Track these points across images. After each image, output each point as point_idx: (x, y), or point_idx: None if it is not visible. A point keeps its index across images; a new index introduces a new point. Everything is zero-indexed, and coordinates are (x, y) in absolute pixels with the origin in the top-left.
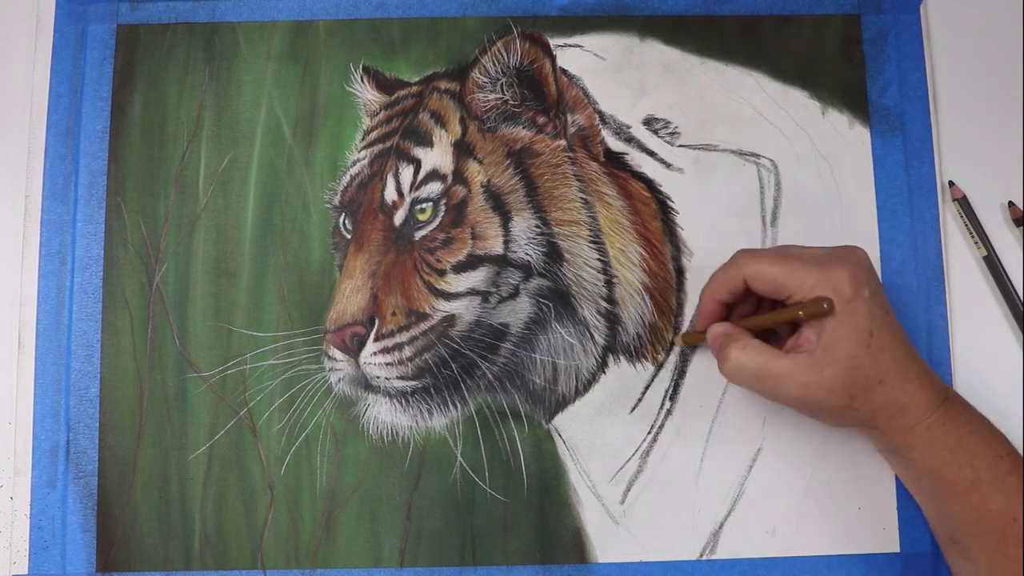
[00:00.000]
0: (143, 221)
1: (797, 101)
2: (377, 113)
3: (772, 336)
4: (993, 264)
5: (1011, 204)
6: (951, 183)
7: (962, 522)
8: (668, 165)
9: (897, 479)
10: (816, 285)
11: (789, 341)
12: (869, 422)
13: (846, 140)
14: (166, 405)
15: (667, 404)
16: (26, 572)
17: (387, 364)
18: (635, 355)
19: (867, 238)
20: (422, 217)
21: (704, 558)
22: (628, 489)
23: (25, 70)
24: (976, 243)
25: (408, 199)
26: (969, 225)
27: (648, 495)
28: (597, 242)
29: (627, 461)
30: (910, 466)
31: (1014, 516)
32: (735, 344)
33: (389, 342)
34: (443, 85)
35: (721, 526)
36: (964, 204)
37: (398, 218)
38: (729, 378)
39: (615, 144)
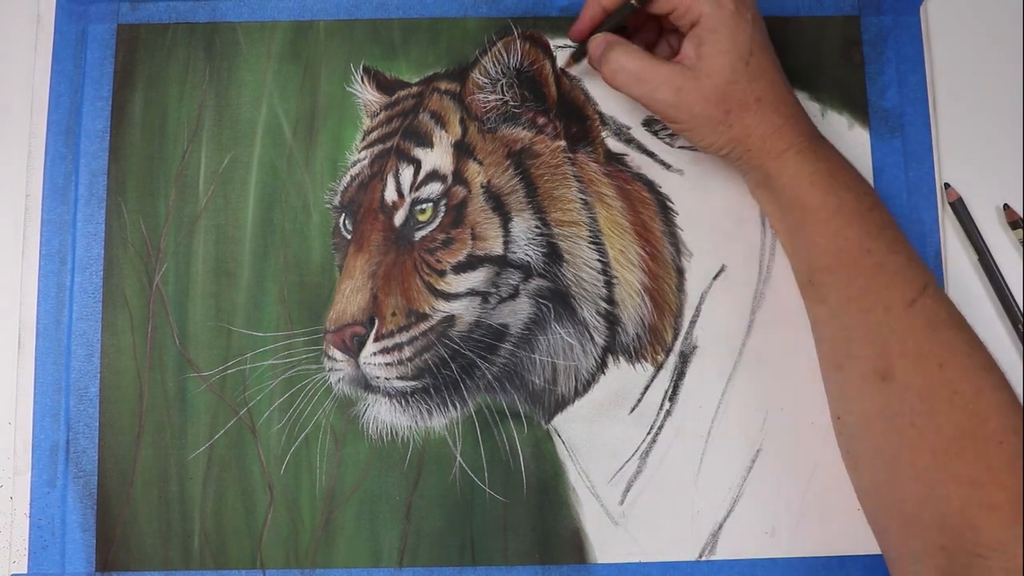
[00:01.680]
0: (143, 221)
1: None
2: (377, 113)
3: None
4: (988, 267)
5: (1006, 207)
6: (947, 185)
7: (821, 252)
8: (668, 166)
9: None
10: None
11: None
12: (743, 142)
13: (845, 141)
14: (166, 405)
15: (666, 405)
16: (25, 571)
17: (387, 364)
18: (635, 356)
19: None
20: (422, 217)
21: (703, 559)
22: (627, 489)
23: (26, 69)
24: (972, 246)
25: (408, 199)
26: (963, 228)
27: (647, 496)
28: (597, 243)
29: (626, 461)
30: (777, 196)
31: (868, 247)
32: (618, 47)
33: (389, 342)
34: (443, 86)
35: (720, 527)
36: (960, 206)
37: (398, 218)
38: (609, 80)
39: (615, 145)
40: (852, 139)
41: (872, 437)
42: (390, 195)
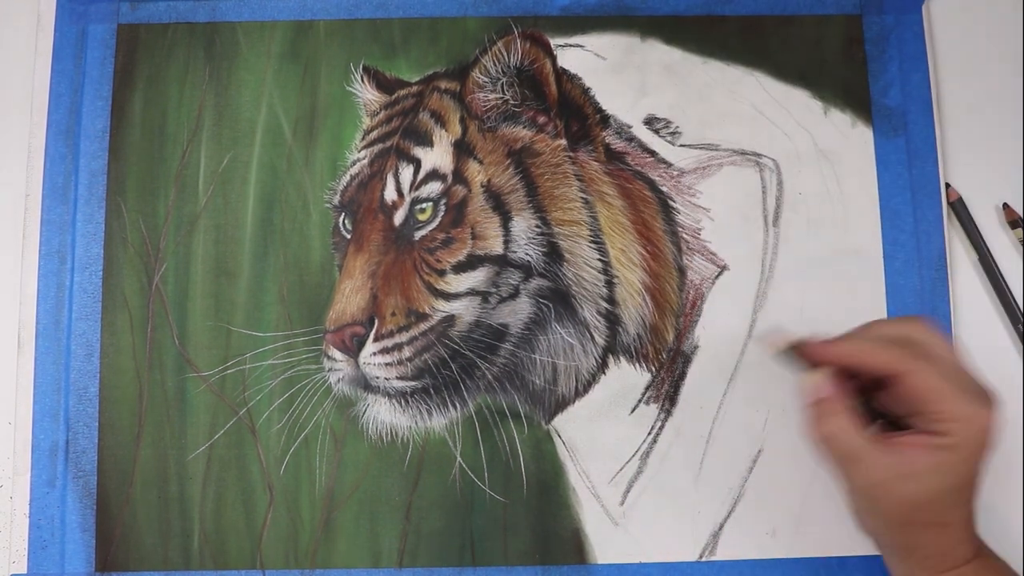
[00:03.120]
0: (143, 221)
1: (799, 101)
2: (377, 113)
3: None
4: (988, 267)
5: (1006, 206)
6: (947, 185)
7: None
8: (669, 165)
9: None
10: (962, 419)
11: (892, 436)
12: (904, 550)
13: (849, 140)
14: (165, 405)
15: (667, 405)
16: (25, 571)
17: (386, 364)
18: (635, 356)
19: (870, 238)
20: (422, 217)
21: (704, 559)
22: (628, 490)
23: (26, 69)
24: (972, 246)
25: (408, 199)
26: (963, 228)
27: (648, 496)
28: (597, 242)
29: (627, 462)
30: None
31: None
32: (837, 415)
33: (389, 342)
34: (443, 85)
35: (721, 527)
36: (960, 206)
37: (398, 218)
38: (815, 442)
39: (616, 144)
40: (855, 137)
41: None
42: (390, 194)
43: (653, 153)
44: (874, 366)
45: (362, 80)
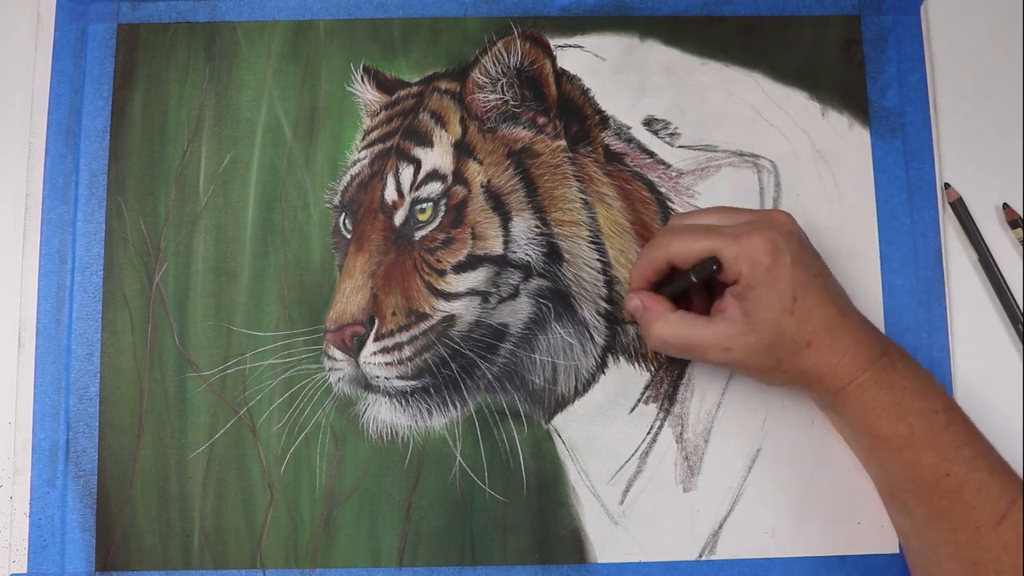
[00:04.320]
0: (143, 220)
1: (797, 102)
2: (377, 113)
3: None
4: (988, 267)
5: (1006, 206)
6: (947, 185)
7: (897, 477)
8: (668, 166)
9: None
10: (736, 257)
11: (715, 304)
12: (799, 381)
13: (846, 141)
14: (166, 404)
15: (666, 404)
16: (25, 571)
17: (387, 364)
18: (634, 355)
19: (867, 239)
20: (422, 217)
21: (703, 558)
22: (627, 489)
23: (26, 69)
24: (972, 246)
25: (408, 199)
26: (963, 228)
27: (647, 495)
28: (597, 243)
29: (626, 461)
30: (845, 422)
31: (946, 471)
32: (656, 319)
33: (389, 342)
34: (443, 85)
35: (720, 526)
36: (960, 206)
37: (398, 218)
38: (656, 350)
39: (615, 145)
40: (853, 138)
41: None
42: (390, 195)
43: (652, 154)
44: (658, 261)
45: (362, 80)
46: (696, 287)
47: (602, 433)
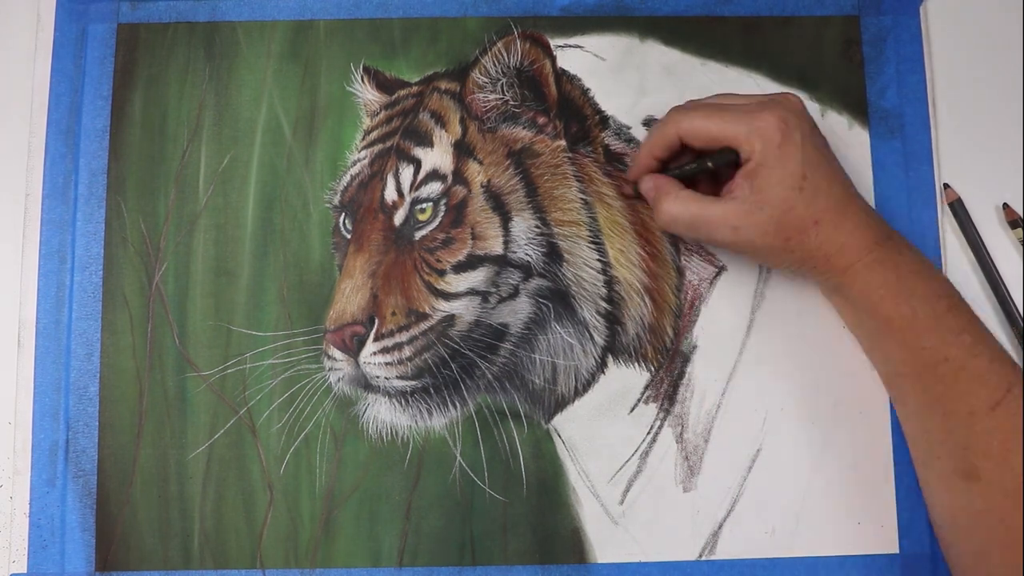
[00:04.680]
0: (143, 220)
1: None
2: (377, 113)
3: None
4: (987, 269)
5: (1006, 206)
6: (946, 186)
7: (897, 361)
8: None
9: (896, 479)
10: (748, 134)
11: (725, 187)
12: (807, 262)
13: (845, 142)
14: (166, 404)
15: (666, 405)
16: (25, 571)
17: (387, 364)
18: (634, 355)
19: None
20: (422, 217)
21: (703, 558)
22: (627, 489)
23: (26, 69)
24: (970, 247)
25: (408, 199)
26: (962, 229)
27: (647, 495)
28: (597, 242)
29: (626, 461)
30: (851, 305)
31: (945, 355)
32: (667, 196)
33: (389, 342)
34: (443, 85)
35: (720, 526)
36: (959, 207)
37: (398, 218)
38: (665, 228)
39: (615, 145)
40: (851, 139)
41: (959, 532)
42: (390, 194)
43: None
44: (669, 136)
45: (362, 80)
46: (703, 176)
47: (602, 433)
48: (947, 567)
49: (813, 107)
